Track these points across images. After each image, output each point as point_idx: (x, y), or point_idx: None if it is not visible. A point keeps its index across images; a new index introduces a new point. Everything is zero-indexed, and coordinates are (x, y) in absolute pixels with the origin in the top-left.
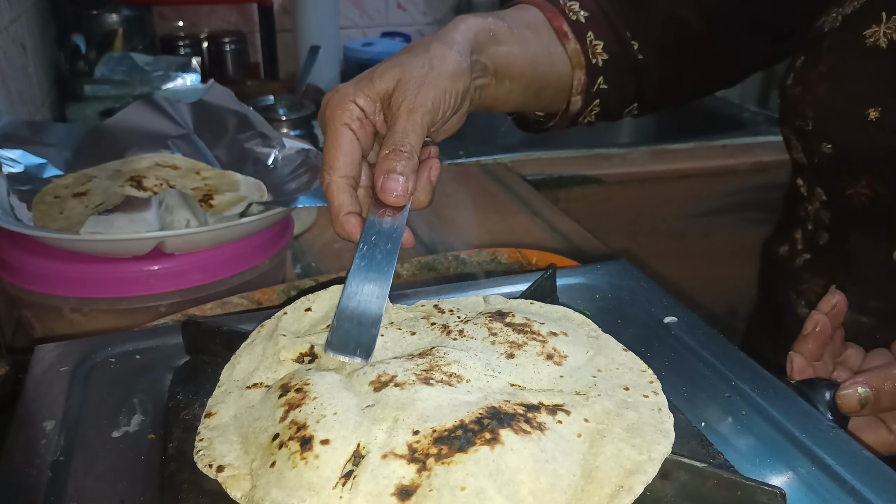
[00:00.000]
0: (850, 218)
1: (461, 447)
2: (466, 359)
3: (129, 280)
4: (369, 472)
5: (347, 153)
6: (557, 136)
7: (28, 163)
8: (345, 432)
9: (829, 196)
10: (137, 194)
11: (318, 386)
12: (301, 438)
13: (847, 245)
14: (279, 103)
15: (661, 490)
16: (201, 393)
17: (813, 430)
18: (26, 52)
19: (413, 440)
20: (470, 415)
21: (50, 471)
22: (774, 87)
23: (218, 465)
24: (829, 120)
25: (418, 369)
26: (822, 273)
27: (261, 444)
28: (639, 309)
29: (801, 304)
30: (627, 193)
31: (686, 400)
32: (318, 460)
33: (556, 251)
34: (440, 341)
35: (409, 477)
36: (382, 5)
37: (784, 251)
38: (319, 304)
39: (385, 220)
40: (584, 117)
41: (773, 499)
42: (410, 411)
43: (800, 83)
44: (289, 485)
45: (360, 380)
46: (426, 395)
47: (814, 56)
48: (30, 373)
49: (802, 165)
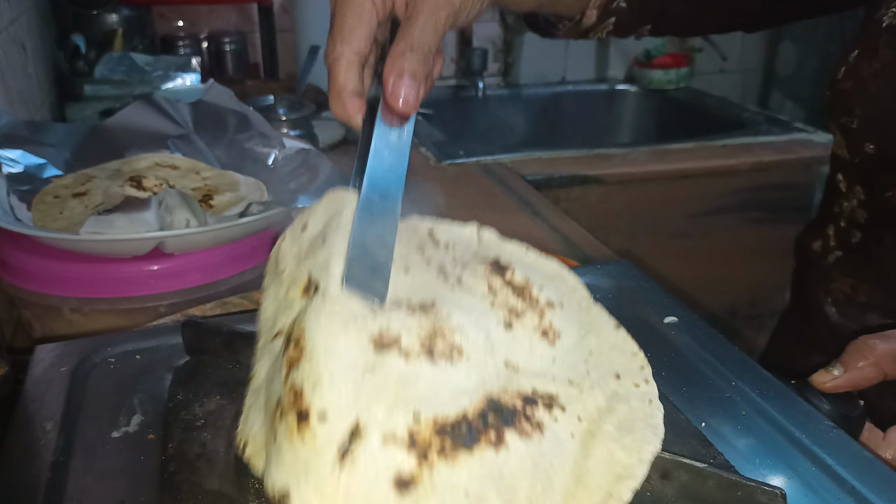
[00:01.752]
0: (887, 220)
1: (465, 444)
2: (469, 326)
3: (129, 280)
4: (368, 455)
5: (365, 24)
6: (557, 137)
7: (28, 163)
8: (342, 403)
9: (868, 196)
10: (137, 194)
11: (313, 338)
12: (298, 411)
13: (880, 247)
14: (279, 103)
15: (661, 490)
16: (201, 393)
17: (813, 430)
18: (26, 52)
19: (413, 426)
20: (472, 407)
21: (50, 471)
22: (775, 87)
23: (244, 442)
24: (876, 119)
25: (422, 332)
26: (851, 273)
27: (270, 412)
28: (639, 309)
29: (828, 303)
30: (627, 193)
31: (686, 400)
32: (314, 437)
33: (556, 251)
34: (439, 290)
35: (408, 467)
36: None
37: (818, 247)
38: (315, 219)
39: (392, 132)
40: (596, 33)
41: (774, 499)
42: (412, 391)
43: (851, 78)
44: (286, 464)
45: (358, 325)
46: (429, 374)
47: (869, 51)
48: (30, 373)
49: (844, 161)
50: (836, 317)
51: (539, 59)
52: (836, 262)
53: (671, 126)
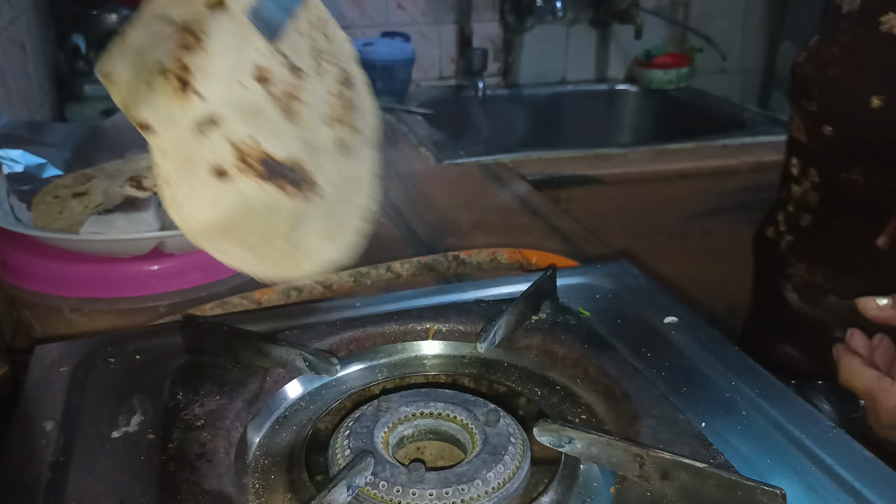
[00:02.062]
0: (840, 202)
1: (267, 177)
2: (309, 106)
3: (129, 280)
4: (211, 139)
5: None
6: (557, 137)
7: (28, 163)
8: (216, 96)
9: (822, 178)
10: (137, 194)
11: (215, 41)
12: (181, 80)
13: (830, 229)
14: None
15: (661, 490)
16: (201, 393)
17: (813, 430)
18: (26, 51)
19: (250, 144)
20: (287, 158)
21: (49, 471)
22: (775, 87)
23: (108, 73)
24: (833, 103)
25: (287, 89)
26: (804, 256)
27: (147, 66)
28: (639, 309)
29: (788, 289)
30: (627, 193)
31: (686, 400)
32: (187, 103)
33: (556, 251)
34: (305, 64)
35: (230, 166)
36: (382, 5)
37: (771, 233)
38: None
39: None
40: None
41: (774, 499)
42: (263, 123)
43: (811, 63)
44: (156, 107)
45: (251, 49)
46: (278, 120)
47: (829, 37)
48: (30, 373)
49: (801, 145)
50: (797, 302)
51: (539, 59)
52: (789, 246)
53: (671, 126)
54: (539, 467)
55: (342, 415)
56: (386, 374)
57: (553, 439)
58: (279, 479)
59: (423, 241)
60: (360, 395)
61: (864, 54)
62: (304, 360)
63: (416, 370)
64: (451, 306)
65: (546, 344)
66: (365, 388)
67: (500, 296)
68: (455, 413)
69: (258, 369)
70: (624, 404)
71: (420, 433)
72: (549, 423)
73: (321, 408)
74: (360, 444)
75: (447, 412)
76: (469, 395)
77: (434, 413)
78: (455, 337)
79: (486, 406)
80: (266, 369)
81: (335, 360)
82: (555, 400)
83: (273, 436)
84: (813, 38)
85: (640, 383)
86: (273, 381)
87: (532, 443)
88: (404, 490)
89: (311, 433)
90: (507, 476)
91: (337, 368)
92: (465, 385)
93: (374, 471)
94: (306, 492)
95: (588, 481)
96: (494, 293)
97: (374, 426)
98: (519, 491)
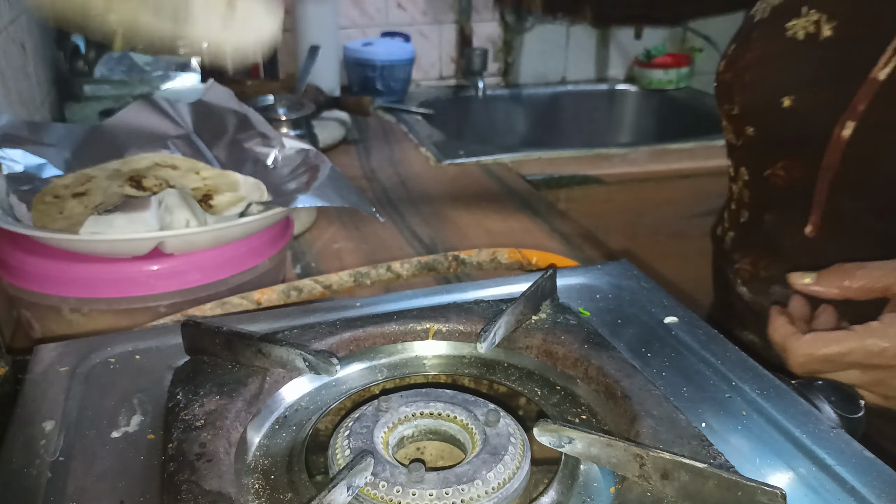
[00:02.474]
0: (767, 197)
1: None
2: None
3: (129, 280)
4: None
5: None
6: (557, 137)
7: (28, 163)
8: None
9: (751, 176)
10: (137, 194)
11: None
12: None
13: (764, 223)
14: (279, 103)
15: (661, 490)
16: (201, 393)
17: (813, 430)
18: (26, 52)
19: None
20: None
21: (49, 471)
22: None
23: None
24: (752, 106)
25: None
26: (747, 251)
27: None
28: (639, 309)
29: (738, 283)
30: (627, 193)
31: (686, 400)
32: None
33: (556, 251)
34: None
35: None
36: (382, 5)
37: (719, 231)
38: None
39: None
40: None
41: (774, 499)
42: None
43: (730, 69)
44: None
45: None
46: None
47: (744, 44)
48: (29, 373)
49: (732, 146)
50: (748, 295)
51: (539, 59)
52: (732, 242)
53: (671, 126)
54: (539, 467)
55: (342, 415)
56: (386, 375)
57: (553, 439)
58: (279, 479)
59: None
60: (360, 395)
61: (774, 58)
62: (304, 361)
63: (416, 370)
64: (451, 306)
65: (546, 344)
66: (365, 389)
67: (500, 296)
68: (455, 413)
69: (258, 370)
70: (624, 404)
71: (420, 433)
72: (549, 423)
73: (321, 408)
74: (360, 444)
75: (447, 412)
76: (469, 396)
77: (434, 413)
78: (455, 337)
79: (486, 406)
80: (266, 370)
81: (335, 360)
82: (555, 400)
83: (273, 436)
84: (731, 46)
85: (640, 383)
86: (273, 382)
87: (532, 443)
88: (404, 490)
89: (311, 433)
90: (507, 476)
91: (337, 369)
92: (465, 385)
93: (374, 471)
94: (306, 492)
95: (588, 481)
96: (494, 293)
97: (374, 426)
98: (519, 491)
